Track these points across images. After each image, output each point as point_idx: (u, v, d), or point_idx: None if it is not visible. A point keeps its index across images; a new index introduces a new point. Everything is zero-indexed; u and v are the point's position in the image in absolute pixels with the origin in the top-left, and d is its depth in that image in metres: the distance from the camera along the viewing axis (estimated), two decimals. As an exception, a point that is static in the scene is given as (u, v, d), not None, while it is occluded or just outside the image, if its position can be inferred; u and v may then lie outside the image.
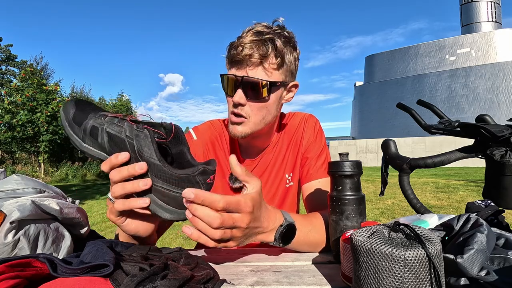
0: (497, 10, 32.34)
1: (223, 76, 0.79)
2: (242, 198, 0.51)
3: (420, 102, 0.94)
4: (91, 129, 0.51)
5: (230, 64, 0.78)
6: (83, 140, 0.51)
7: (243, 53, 0.74)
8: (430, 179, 8.63)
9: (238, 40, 0.75)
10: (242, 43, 0.74)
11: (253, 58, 0.74)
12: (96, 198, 7.28)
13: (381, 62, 35.28)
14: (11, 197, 0.55)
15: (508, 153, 0.66)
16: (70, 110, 0.53)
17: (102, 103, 17.82)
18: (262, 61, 0.75)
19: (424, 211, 0.74)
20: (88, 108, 0.54)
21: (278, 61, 0.76)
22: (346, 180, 0.63)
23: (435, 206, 4.92)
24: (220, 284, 0.50)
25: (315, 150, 0.93)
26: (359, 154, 17.51)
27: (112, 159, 0.49)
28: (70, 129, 0.52)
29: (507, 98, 26.81)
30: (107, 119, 0.51)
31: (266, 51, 0.74)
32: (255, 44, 0.74)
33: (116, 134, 0.49)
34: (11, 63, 26.98)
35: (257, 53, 0.74)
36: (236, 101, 0.76)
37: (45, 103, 11.09)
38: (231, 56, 0.76)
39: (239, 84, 0.75)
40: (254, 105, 0.78)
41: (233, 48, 0.76)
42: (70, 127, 0.52)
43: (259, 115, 0.79)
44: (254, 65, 0.75)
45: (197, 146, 0.93)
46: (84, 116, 0.52)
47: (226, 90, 0.80)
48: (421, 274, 0.37)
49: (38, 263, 0.41)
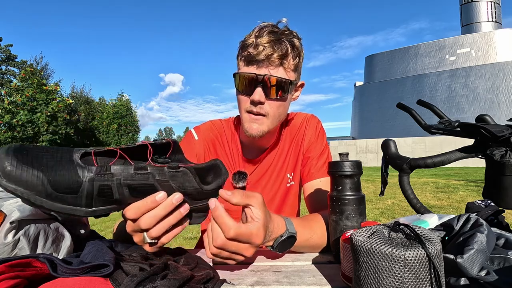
0: (497, 10, 32.35)
1: (239, 75, 0.78)
2: (255, 230, 0.51)
3: (420, 102, 0.94)
4: (100, 189, 0.42)
5: (248, 63, 0.77)
6: (88, 206, 0.42)
7: (264, 53, 0.74)
8: (430, 179, 8.63)
9: (256, 40, 0.75)
10: (261, 43, 0.74)
11: (274, 57, 0.75)
12: (96, 198, 7.27)
13: (381, 62, 35.28)
14: (11, 197, 0.55)
15: (508, 153, 0.66)
16: (35, 181, 0.37)
17: (102, 103, 17.81)
18: (283, 60, 0.76)
19: (424, 211, 0.74)
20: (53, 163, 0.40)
21: (296, 61, 0.78)
22: (346, 180, 0.63)
23: (435, 206, 4.92)
24: (220, 284, 0.50)
25: (316, 150, 0.94)
26: (359, 154, 17.50)
27: (149, 203, 0.46)
28: (60, 204, 0.40)
29: (507, 98, 26.81)
30: (116, 172, 0.43)
31: (286, 51, 0.75)
32: (275, 43, 0.75)
33: (141, 183, 0.45)
34: (11, 63, 27.00)
35: (277, 53, 0.75)
36: (256, 99, 0.76)
37: (45, 103, 11.11)
38: (250, 55, 0.76)
39: (259, 83, 0.75)
40: (273, 103, 0.78)
41: (250, 47, 0.76)
42: (57, 201, 0.39)
43: (277, 113, 0.80)
44: (275, 65, 0.76)
45: (199, 145, 0.93)
46: (73, 180, 0.40)
47: (242, 88, 0.79)
48: (421, 274, 0.37)
49: (38, 263, 0.41)
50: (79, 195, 0.41)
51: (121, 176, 0.43)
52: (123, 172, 0.44)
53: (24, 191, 0.37)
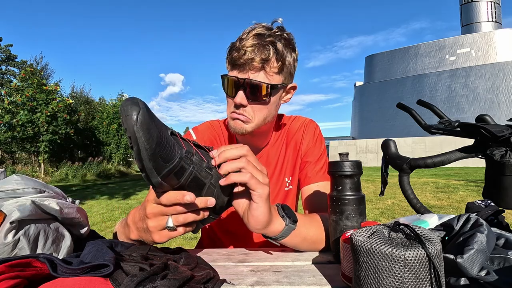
0: (497, 10, 32.34)
1: (224, 77, 0.80)
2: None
3: (420, 102, 0.94)
4: (179, 169, 0.46)
5: (232, 66, 0.79)
6: (163, 177, 0.45)
7: (245, 57, 0.75)
8: (430, 179, 8.63)
9: (240, 43, 0.76)
10: (244, 47, 0.75)
11: (255, 62, 0.75)
12: (96, 198, 7.28)
13: (381, 62, 35.28)
14: (11, 197, 0.55)
15: (508, 153, 0.66)
16: (151, 138, 0.42)
17: (102, 103, 17.80)
18: (264, 64, 0.76)
19: (424, 211, 0.74)
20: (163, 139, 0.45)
21: (279, 65, 0.78)
22: (346, 180, 0.63)
23: (435, 206, 4.92)
24: (220, 284, 0.50)
25: (314, 154, 0.94)
26: (359, 154, 17.50)
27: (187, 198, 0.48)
28: (152, 164, 0.43)
29: (507, 98, 26.80)
30: (195, 161, 0.48)
31: (267, 55, 0.75)
32: (257, 47, 0.75)
33: (202, 179, 0.50)
34: (11, 63, 26.98)
35: (259, 57, 0.75)
36: (238, 102, 0.77)
37: (45, 103, 11.09)
38: (233, 58, 0.77)
39: (240, 86, 0.77)
40: (255, 106, 0.80)
41: (234, 50, 0.77)
42: (153, 160, 0.43)
43: (260, 116, 0.81)
44: (256, 69, 0.77)
45: None
46: (170, 153, 0.44)
47: (226, 90, 0.81)
48: (421, 274, 0.37)
49: (38, 263, 0.41)
50: (167, 165, 0.44)
51: (195, 166, 0.48)
52: (198, 164, 0.49)
53: (143, 142, 0.41)
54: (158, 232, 0.53)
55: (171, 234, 0.53)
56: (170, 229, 0.52)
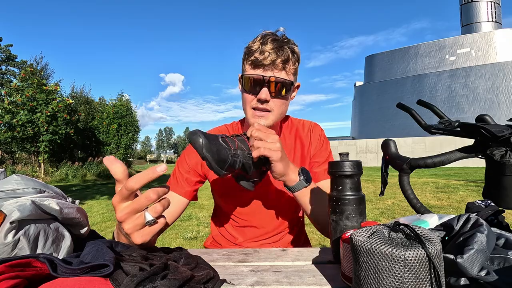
0: (497, 10, 32.34)
1: (248, 76, 0.88)
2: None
3: (420, 102, 0.94)
4: (232, 163, 0.66)
5: (255, 67, 0.88)
6: (226, 170, 0.66)
7: (270, 58, 0.85)
8: (430, 179, 8.63)
9: (261, 47, 0.86)
10: (266, 50, 0.85)
11: (278, 62, 0.86)
12: (96, 198, 7.28)
13: (381, 62, 35.28)
14: (11, 197, 0.55)
15: (508, 153, 0.66)
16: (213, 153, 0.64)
17: (102, 103, 17.79)
18: (285, 65, 0.87)
19: (424, 211, 0.74)
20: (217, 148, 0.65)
21: (296, 66, 0.90)
22: (346, 180, 0.63)
23: (435, 206, 4.92)
24: (220, 284, 0.50)
25: (322, 155, 1.05)
26: (359, 154, 17.50)
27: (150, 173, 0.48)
28: (217, 165, 0.65)
29: (507, 98, 26.80)
30: (239, 153, 0.69)
31: (287, 57, 0.87)
32: (278, 50, 0.86)
33: (247, 162, 0.70)
34: (11, 63, 26.98)
35: (280, 58, 0.86)
36: (263, 98, 0.86)
37: (45, 103, 11.09)
38: (257, 60, 0.86)
39: (265, 84, 0.86)
40: (277, 101, 0.90)
41: (256, 52, 0.87)
42: (217, 164, 0.64)
43: (280, 110, 0.92)
44: (278, 69, 0.87)
45: None
46: (225, 156, 0.65)
47: (249, 88, 0.89)
48: (421, 274, 0.37)
49: (38, 263, 0.41)
50: (225, 164, 0.65)
51: (241, 156, 0.69)
52: (242, 154, 0.69)
53: (210, 157, 0.63)
54: (138, 232, 0.51)
55: (152, 229, 0.51)
56: (151, 223, 0.50)
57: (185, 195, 0.97)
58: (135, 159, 37.25)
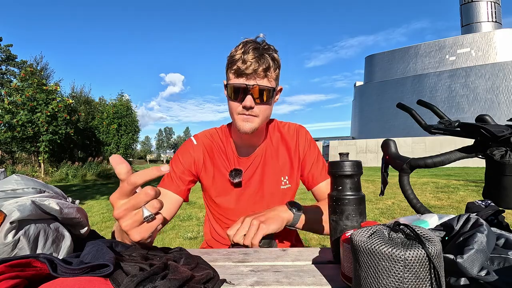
0: (497, 10, 32.33)
1: (232, 85, 0.92)
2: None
3: (420, 102, 0.94)
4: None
5: (238, 75, 0.91)
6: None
7: (251, 67, 0.88)
8: (430, 179, 8.63)
9: (243, 56, 0.89)
10: (248, 59, 0.88)
11: (259, 70, 0.89)
12: (96, 198, 7.28)
13: (381, 62, 35.27)
14: (11, 197, 0.55)
15: (508, 153, 0.66)
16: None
17: (102, 103, 17.79)
18: (266, 72, 0.90)
19: (424, 211, 0.74)
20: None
21: (277, 72, 0.94)
22: (346, 180, 0.63)
23: (435, 206, 4.92)
24: (220, 284, 0.50)
25: (312, 155, 1.09)
26: (359, 154, 17.50)
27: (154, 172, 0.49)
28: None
29: (507, 98, 26.80)
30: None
31: (269, 65, 0.90)
32: (259, 58, 0.89)
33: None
34: (11, 63, 26.97)
35: (262, 67, 0.89)
36: (248, 105, 0.91)
37: (45, 103, 11.09)
38: (239, 69, 0.89)
39: (249, 92, 0.90)
40: (261, 106, 0.94)
41: (239, 62, 0.89)
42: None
43: (264, 114, 0.96)
44: (260, 77, 0.90)
45: (197, 149, 1.05)
46: None
47: (234, 96, 0.93)
48: (421, 274, 0.37)
49: (38, 263, 0.41)
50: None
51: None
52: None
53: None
54: (136, 229, 0.51)
55: (150, 226, 0.51)
56: (149, 219, 0.50)
57: (180, 193, 0.99)
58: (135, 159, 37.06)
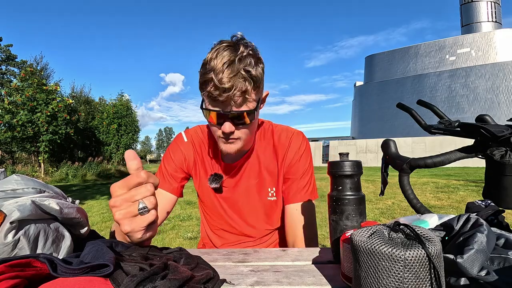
0: (497, 10, 32.32)
1: (208, 111, 0.81)
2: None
3: (420, 102, 0.94)
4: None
5: (212, 101, 0.79)
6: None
7: (226, 94, 0.75)
8: (430, 179, 8.63)
9: (216, 78, 0.74)
10: (222, 83, 0.74)
11: (236, 96, 0.76)
12: (96, 198, 7.27)
13: (381, 62, 35.27)
14: (11, 197, 0.55)
15: (508, 153, 0.66)
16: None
17: (102, 103, 17.79)
18: (245, 95, 0.78)
19: (424, 211, 0.74)
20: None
21: (256, 91, 0.81)
22: (346, 180, 0.63)
23: (435, 206, 4.92)
24: (220, 284, 0.50)
25: (298, 171, 0.95)
26: (359, 154, 17.50)
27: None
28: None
29: (507, 98, 26.79)
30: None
31: (246, 87, 0.76)
32: (235, 81, 0.75)
33: None
34: (11, 63, 26.97)
35: (238, 92, 0.76)
36: (227, 131, 0.81)
37: (45, 103, 11.09)
38: (213, 95, 0.76)
39: (227, 118, 0.80)
40: (242, 130, 0.84)
41: (212, 86, 0.76)
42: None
43: (248, 134, 0.87)
44: (238, 102, 0.78)
45: (187, 146, 1.01)
46: None
47: (211, 122, 0.83)
48: (421, 274, 0.37)
49: (38, 263, 0.41)
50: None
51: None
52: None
53: None
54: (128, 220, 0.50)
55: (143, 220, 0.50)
56: (143, 212, 0.50)
57: (173, 191, 0.97)
58: (135, 159, 36.90)
